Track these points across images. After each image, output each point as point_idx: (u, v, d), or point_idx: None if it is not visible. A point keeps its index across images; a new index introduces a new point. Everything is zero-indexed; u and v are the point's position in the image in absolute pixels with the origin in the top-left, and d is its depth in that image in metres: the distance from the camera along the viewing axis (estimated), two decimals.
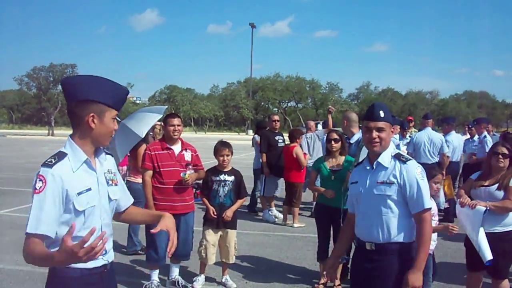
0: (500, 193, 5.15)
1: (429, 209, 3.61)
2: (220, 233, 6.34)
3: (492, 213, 5.09)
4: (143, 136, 6.93)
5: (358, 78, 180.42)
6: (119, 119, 8.47)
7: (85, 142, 2.79)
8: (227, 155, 6.31)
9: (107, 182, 2.93)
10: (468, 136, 12.98)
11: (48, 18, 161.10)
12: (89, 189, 2.76)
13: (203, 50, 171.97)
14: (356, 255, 3.94)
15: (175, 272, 6.37)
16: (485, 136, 11.49)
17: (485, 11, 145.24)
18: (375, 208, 3.64)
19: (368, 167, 3.76)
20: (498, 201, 5.10)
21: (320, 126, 12.94)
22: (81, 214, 2.72)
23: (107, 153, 3.02)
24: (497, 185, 5.19)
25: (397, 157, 3.68)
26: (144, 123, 6.95)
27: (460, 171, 12.18)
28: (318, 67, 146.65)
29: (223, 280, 6.44)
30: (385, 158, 3.68)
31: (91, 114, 2.71)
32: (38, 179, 2.64)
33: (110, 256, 2.96)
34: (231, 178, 6.34)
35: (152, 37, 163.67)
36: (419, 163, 10.89)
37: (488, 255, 4.99)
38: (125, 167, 11.73)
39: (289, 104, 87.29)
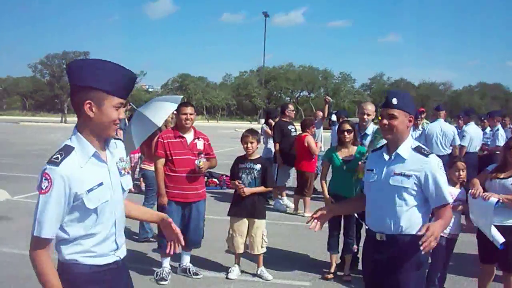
0: None
1: (449, 202, 3.58)
2: (247, 222, 6.34)
3: (504, 206, 5.08)
4: (160, 125, 6.98)
5: (372, 68, 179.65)
6: (135, 107, 8.41)
7: (88, 132, 2.61)
8: (251, 142, 6.28)
9: (120, 172, 2.79)
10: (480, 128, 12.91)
11: (63, 5, 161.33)
12: (101, 184, 2.61)
13: (216, 39, 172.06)
14: (366, 246, 3.93)
15: (186, 260, 6.41)
16: (497, 129, 11.46)
17: (499, 2, 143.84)
18: (389, 199, 3.59)
19: (386, 157, 3.69)
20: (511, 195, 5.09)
21: (334, 117, 12.92)
22: (93, 211, 2.59)
23: (116, 139, 2.86)
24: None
25: (418, 150, 3.60)
26: (162, 112, 6.98)
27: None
28: (331, 57, 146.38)
29: (259, 272, 6.41)
30: (405, 150, 3.61)
31: (88, 102, 2.51)
32: (43, 178, 2.48)
33: (122, 252, 2.84)
34: (257, 166, 6.32)
35: (166, 25, 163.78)
36: None
37: (499, 238, 5.02)
38: (136, 155, 11.82)
39: (301, 94, 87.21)
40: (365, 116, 6.84)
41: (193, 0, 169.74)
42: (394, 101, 3.60)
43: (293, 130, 10.64)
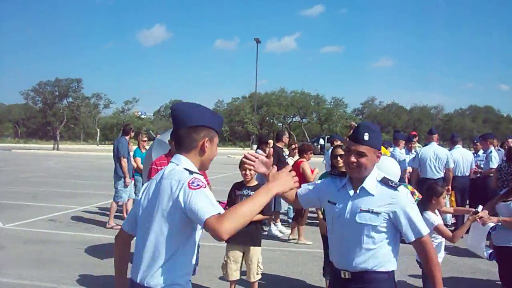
0: None
1: (426, 234, 3.29)
2: (243, 249, 6.27)
3: (506, 228, 5.17)
4: None
5: (363, 93, 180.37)
6: (153, 135, 8.44)
7: (195, 165, 2.94)
8: (250, 169, 6.20)
9: None
10: (473, 151, 12.95)
11: (55, 32, 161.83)
12: None
13: (209, 65, 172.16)
14: (332, 282, 3.66)
15: None
16: (491, 152, 11.49)
17: (491, 26, 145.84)
18: (355, 237, 3.31)
19: (350, 191, 3.40)
20: (509, 217, 5.13)
21: (322, 141, 12.98)
22: (196, 232, 2.93)
23: None
24: None
25: (385, 182, 3.33)
26: None
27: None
28: (324, 82, 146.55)
29: None
30: (370, 183, 3.34)
31: (206, 139, 2.92)
32: (196, 180, 2.72)
33: None
34: None
35: (159, 52, 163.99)
36: (424, 178, 10.91)
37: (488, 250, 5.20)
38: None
39: (294, 119, 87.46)
40: None
41: (187, 27, 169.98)
42: (366, 136, 3.30)
43: (287, 156, 10.65)
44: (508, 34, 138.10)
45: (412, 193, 5.66)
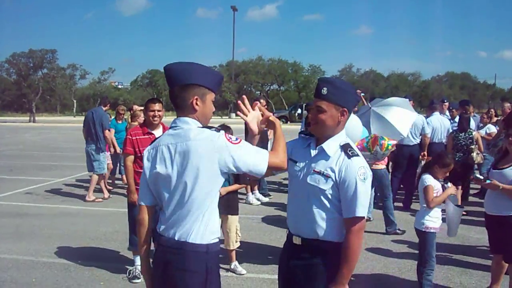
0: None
1: (362, 218, 3.00)
2: (221, 218, 6.26)
3: (502, 197, 5.15)
4: (405, 136, 7.03)
5: (342, 60, 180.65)
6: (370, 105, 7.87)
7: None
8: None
9: None
10: (449, 117, 13.03)
11: (31, 2, 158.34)
12: None
13: (190, 35, 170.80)
14: (284, 248, 3.51)
15: None
16: None
17: None
18: (306, 199, 3.12)
19: (312, 150, 3.18)
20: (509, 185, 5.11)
21: (299, 110, 12.96)
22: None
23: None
24: (509, 168, 5.23)
25: (345, 148, 3.06)
26: (406, 122, 6.91)
27: None
28: (304, 50, 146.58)
29: (232, 267, 6.40)
30: (331, 146, 3.09)
31: (196, 97, 2.90)
32: (230, 136, 2.87)
33: None
34: None
35: (139, 22, 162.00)
36: (400, 145, 10.87)
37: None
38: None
39: (271, 87, 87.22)
40: None
41: None
42: (324, 91, 3.05)
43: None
44: (487, 1, 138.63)
45: (376, 141, 5.72)
